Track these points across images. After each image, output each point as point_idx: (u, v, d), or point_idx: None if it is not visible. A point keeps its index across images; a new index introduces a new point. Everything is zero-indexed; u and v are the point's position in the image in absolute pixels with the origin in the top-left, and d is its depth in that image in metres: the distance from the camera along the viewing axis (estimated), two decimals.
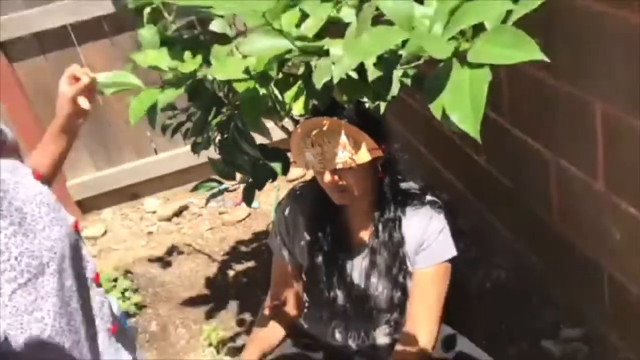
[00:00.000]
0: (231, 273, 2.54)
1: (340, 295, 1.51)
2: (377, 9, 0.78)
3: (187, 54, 1.01)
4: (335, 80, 0.77)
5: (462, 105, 0.66)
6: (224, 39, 1.07)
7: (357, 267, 1.49)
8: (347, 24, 0.87)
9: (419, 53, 0.71)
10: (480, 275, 2.05)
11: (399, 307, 1.49)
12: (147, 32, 1.20)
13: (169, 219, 3.02)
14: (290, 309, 1.63)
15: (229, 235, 2.82)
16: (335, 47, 0.87)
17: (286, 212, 1.56)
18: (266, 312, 1.64)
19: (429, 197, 1.47)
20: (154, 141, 3.08)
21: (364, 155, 1.29)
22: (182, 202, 3.07)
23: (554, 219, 1.76)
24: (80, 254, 1.14)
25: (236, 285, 2.47)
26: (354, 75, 0.94)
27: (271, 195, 2.89)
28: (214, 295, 2.43)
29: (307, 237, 1.52)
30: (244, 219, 2.92)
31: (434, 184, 1.71)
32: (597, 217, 1.55)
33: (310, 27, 0.93)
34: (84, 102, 1.19)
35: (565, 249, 1.73)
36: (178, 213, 3.03)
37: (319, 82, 0.81)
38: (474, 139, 0.66)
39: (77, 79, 1.18)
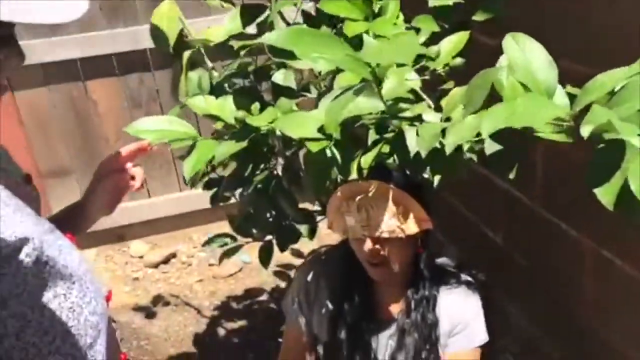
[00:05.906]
0: (222, 332, 2.39)
1: None
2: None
3: (255, 106, 0.92)
4: (448, 151, 0.69)
5: None
6: (287, 93, 0.99)
7: (382, 346, 1.38)
8: None
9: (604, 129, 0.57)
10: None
11: None
12: (196, 76, 1.11)
13: (156, 266, 2.86)
14: None
15: (219, 289, 2.68)
16: (429, 114, 0.79)
17: (309, 278, 1.45)
18: None
19: (464, 277, 1.38)
20: (147, 183, 2.96)
21: (413, 226, 1.21)
22: (171, 250, 2.92)
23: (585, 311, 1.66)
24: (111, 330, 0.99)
25: (227, 346, 2.31)
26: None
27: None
28: (203, 355, 2.27)
29: (330, 307, 1.41)
30: (234, 274, 2.79)
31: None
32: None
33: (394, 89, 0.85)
34: None
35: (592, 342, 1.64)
36: (166, 261, 2.88)
37: (425, 148, 0.72)
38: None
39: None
